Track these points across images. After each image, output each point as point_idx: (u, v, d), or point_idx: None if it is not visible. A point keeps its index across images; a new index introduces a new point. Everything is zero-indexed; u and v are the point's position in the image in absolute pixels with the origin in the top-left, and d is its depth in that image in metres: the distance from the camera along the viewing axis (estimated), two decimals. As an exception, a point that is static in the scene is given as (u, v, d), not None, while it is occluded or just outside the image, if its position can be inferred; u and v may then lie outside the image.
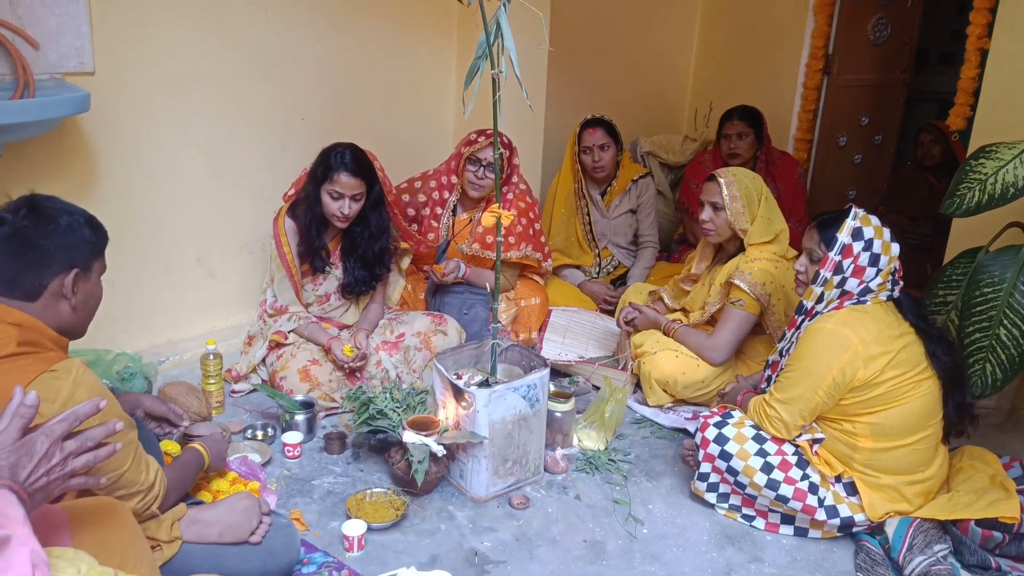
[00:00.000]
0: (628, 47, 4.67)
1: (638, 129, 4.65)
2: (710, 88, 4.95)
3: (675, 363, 2.95)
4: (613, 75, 4.63)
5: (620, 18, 4.57)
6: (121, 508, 1.55)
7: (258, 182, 3.38)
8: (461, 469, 2.49)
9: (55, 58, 2.77)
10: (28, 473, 1.20)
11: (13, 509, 1.12)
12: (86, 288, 1.78)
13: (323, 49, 3.43)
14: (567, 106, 4.16)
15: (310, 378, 2.92)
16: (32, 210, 1.72)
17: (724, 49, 4.86)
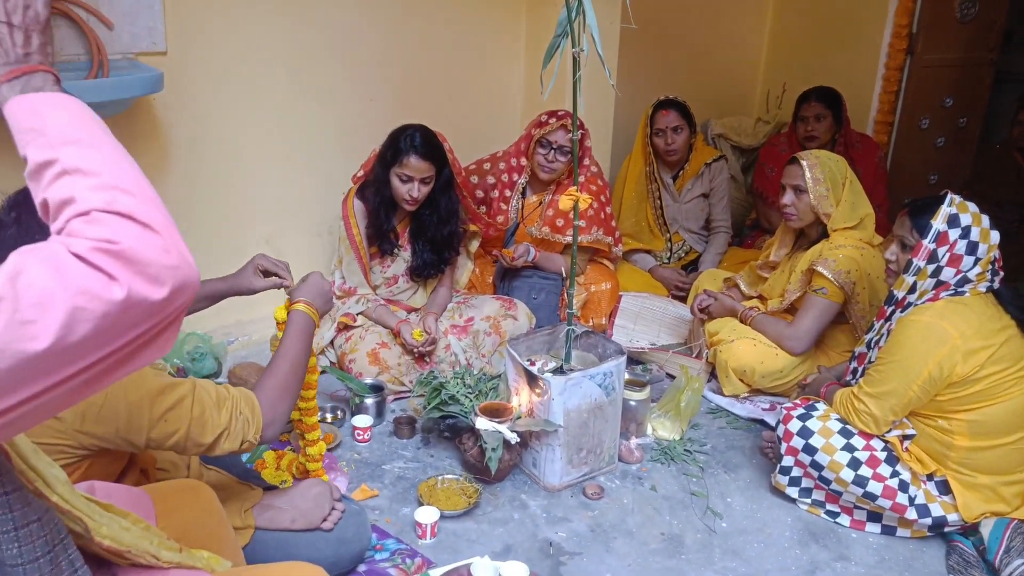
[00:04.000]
0: (699, 26, 4.55)
1: (709, 111, 4.52)
2: (784, 68, 4.79)
3: (753, 352, 2.85)
4: (683, 55, 4.51)
5: (693, 0, 4.45)
6: (205, 491, 1.54)
7: (326, 163, 3.36)
8: (534, 457, 2.44)
9: (128, 38, 2.78)
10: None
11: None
12: None
13: (392, 29, 3.39)
14: (637, 87, 4.05)
15: (379, 361, 2.90)
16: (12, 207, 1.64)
17: (800, 28, 4.69)
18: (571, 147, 3.16)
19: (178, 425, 1.53)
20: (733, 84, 4.86)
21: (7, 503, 0.94)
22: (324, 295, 1.99)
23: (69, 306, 0.78)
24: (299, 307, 1.89)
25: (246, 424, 1.61)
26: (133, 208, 0.84)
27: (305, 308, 1.89)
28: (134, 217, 0.83)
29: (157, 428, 1.51)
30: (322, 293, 1.98)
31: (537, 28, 3.73)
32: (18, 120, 0.89)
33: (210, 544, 1.40)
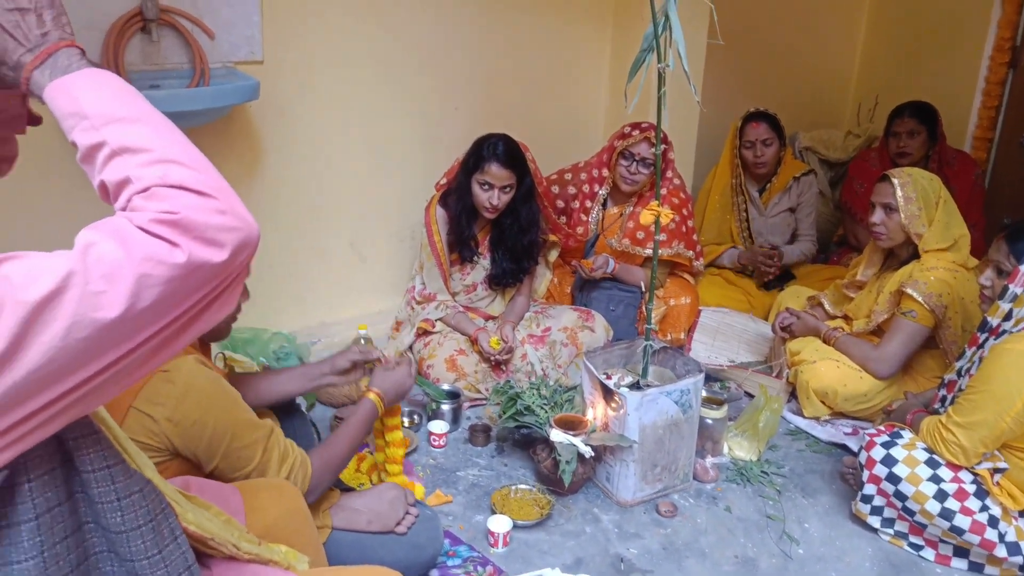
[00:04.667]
0: (788, 38, 4.46)
1: (797, 123, 4.43)
2: (876, 81, 4.66)
3: (836, 374, 2.78)
4: (771, 67, 4.43)
5: (780, 8, 4.37)
6: (291, 490, 1.59)
7: (410, 170, 3.42)
8: (608, 471, 2.44)
9: (227, 47, 2.89)
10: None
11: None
12: None
13: (477, 40, 3.44)
14: (722, 99, 4.01)
15: (456, 368, 2.94)
16: None
17: (894, 40, 4.55)
18: (653, 159, 3.14)
19: (244, 464, 1.65)
20: (823, 96, 4.75)
21: (109, 476, 0.99)
22: (400, 391, 2.10)
23: (136, 274, 0.82)
24: (370, 395, 2.01)
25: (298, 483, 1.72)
26: (185, 178, 0.87)
27: (375, 398, 2.01)
28: (188, 187, 0.87)
29: (227, 460, 1.62)
30: (399, 389, 2.08)
31: (622, 41, 3.72)
32: (58, 106, 0.91)
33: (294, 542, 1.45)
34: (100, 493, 0.99)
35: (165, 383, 1.57)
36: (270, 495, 1.53)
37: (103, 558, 1.02)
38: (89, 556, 1.01)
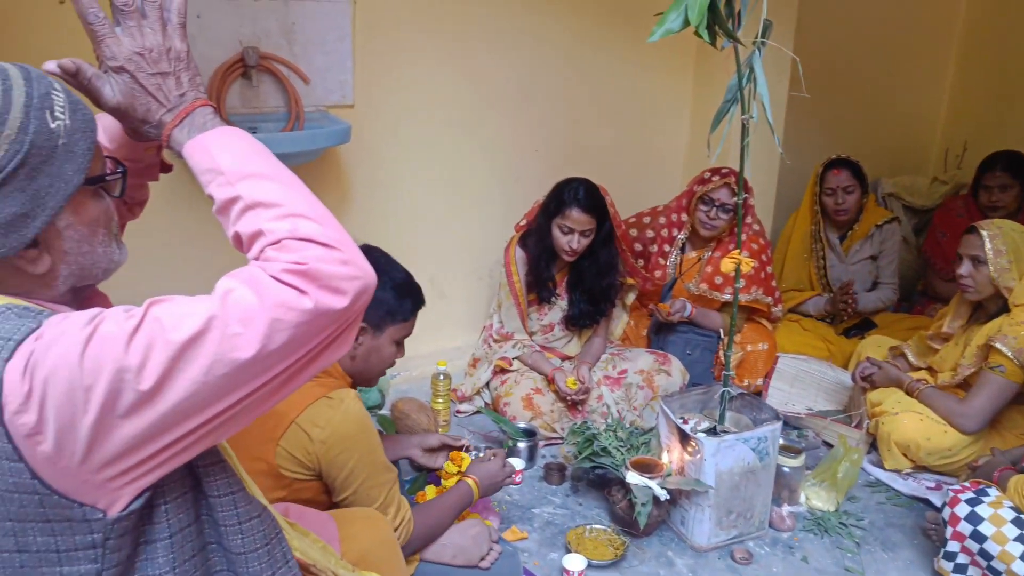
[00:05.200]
0: (872, 84, 4.43)
1: (880, 168, 4.38)
2: (965, 126, 4.57)
3: (919, 426, 2.73)
4: (853, 112, 4.40)
5: (864, 54, 4.34)
6: (381, 520, 1.67)
7: (490, 211, 3.52)
8: (683, 515, 2.44)
9: (322, 92, 3.04)
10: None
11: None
12: (370, 344, 1.92)
13: (559, 86, 3.53)
14: (804, 144, 4.00)
15: (533, 407, 2.99)
16: None
17: (984, 83, 4.47)
18: (733, 205, 3.16)
19: (370, 502, 1.76)
20: (908, 141, 4.69)
21: (233, 501, 1.08)
22: (494, 483, 2.21)
23: (269, 319, 0.91)
24: (470, 482, 2.13)
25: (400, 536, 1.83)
26: (312, 231, 0.96)
27: (474, 486, 2.13)
28: (315, 239, 0.95)
29: (357, 495, 1.75)
30: (493, 481, 2.20)
31: (703, 87, 3.77)
32: (196, 162, 1.01)
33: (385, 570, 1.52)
34: (224, 516, 1.07)
35: (328, 408, 1.71)
36: (363, 524, 1.61)
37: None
38: (211, 574, 1.10)
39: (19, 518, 0.94)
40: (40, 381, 0.88)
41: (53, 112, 0.97)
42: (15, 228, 0.95)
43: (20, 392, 0.89)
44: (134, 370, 0.88)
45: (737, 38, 2.02)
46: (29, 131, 0.94)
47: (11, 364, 0.89)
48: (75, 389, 0.88)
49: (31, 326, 0.92)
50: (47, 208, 0.97)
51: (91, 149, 1.01)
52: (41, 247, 1.00)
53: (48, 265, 1.01)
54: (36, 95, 0.96)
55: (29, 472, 0.91)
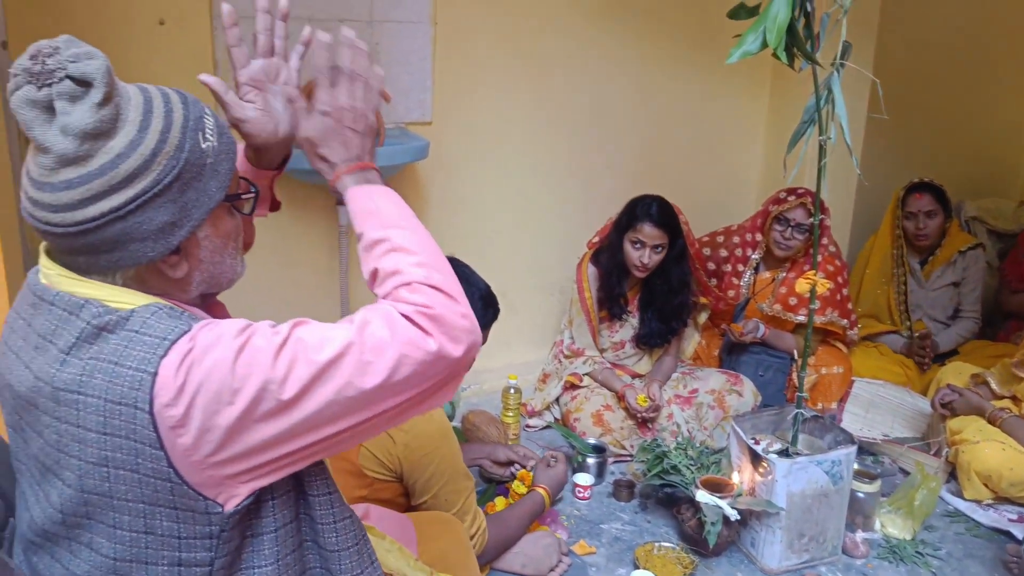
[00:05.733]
0: (953, 104, 4.33)
1: (963, 191, 4.27)
2: (1052, 148, 4.44)
3: (1001, 456, 2.66)
4: (934, 133, 4.31)
5: (945, 74, 4.25)
6: (456, 525, 1.72)
7: (562, 227, 3.56)
8: (753, 537, 2.43)
9: (402, 110, 3.14)
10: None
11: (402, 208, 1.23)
12: None
13: (633, 105, 3.56)
14: (882, 166, 3.93)
15: (603, 423, 3.00)
16: None
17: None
18: (809, 225, 3.13)
19: (448, 507, 1.83)
20: (992, 163, 4.56)
21: (330, 501, 1.17)
22: (560, 487, 2.41)
23: (398, 353, 1.02)
24: (541, 491, 2.25)
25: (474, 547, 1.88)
26: (441, 283, 1.08)
27: (545, 494, 2.24)
28: (443, 289, 1.07)
29: (437, 499, 1.82)
30: (560, 485, 2.40)
31: (778, 108, 3.76)
32: (357, 204, 1.16)
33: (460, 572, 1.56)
34: (321, 515, 1.16)
35: None
36: (440, 528, 1.66)
37: (316, 574, 1.19)
38: (306, 570, 1.17)
39: (151, 502, 1.03)
40: (195, 380, 0.98)
41: (204, 134, 1.08)
42: (164, 235, 1.05)
43: (172, 387, 0.98)
44: (278, 381, 0.99)
45: (816, 60, 2.02)
46: (185, 149, 1.05)
47: (166, 360, 0.99)
48: (223, 391, 0.98)
49: (183, 328, 1.02)
50: (192, 219, 1.07)
51: (232, 170, 1.13)
52: (181, 254, 1.10)
53: (185, 271, 1.11)
54: (192, 118, 1.07)
55: (167, 461, 1.00)
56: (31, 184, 1.03)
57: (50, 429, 1.05)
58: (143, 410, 0.99)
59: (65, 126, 0.99)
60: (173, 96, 1.08)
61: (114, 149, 1.00)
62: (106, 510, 1.04)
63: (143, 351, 1.01)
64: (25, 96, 1.00)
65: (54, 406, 1.03)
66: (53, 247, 1.08)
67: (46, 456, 1.07)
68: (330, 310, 3.19)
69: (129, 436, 1.00)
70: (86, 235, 1.02)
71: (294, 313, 1.26)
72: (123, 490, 1.03)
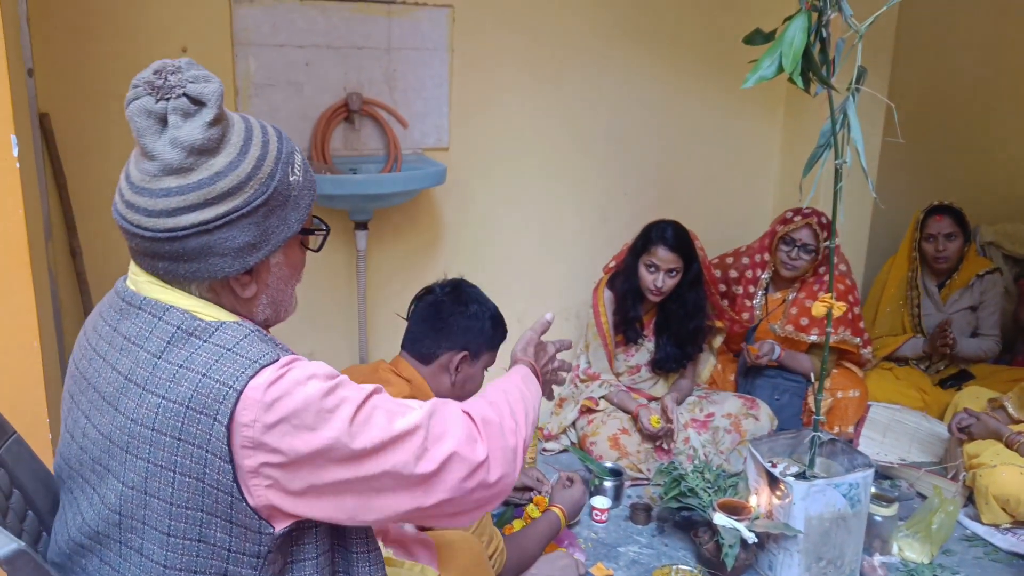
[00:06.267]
0: (968, 128, 4.34)
1: (980, 216, 4.26)
2: (1068, 172, 4.44)
3: (1019, 480, 2.64)
4: (950, 157, 4.32)
5: (961, 98, 4.27)
6: (476, 544, 1.72)
7: (578, 252, 3.58)
8: (771, 560, 2.42)
9: (419, 135, 3.18)
10: (543, 364, 1.61)
11: (532, 382, 1.48)
12: (468, 372, 2.02)
13: (649, 130, 3.60)
14: (897, 189, 3.94)
15: (619, 447, 3.01)
16: (454, 290, 2.04)
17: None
18: (815, 245, 3.15)
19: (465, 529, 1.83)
20: (1008, 187, 4.55)
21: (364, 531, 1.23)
22: (578, 507, 2.41)
23: (453, 448, 1.13)
24: (557, 511, 2.27)
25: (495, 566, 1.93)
26: (505, 424, 1.24)
27: (560, 514, 2.26)
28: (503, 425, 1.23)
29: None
30: (577, 507, 2.40)
31: (793, 132, 3.78)
32: (514, 367, 1.52)
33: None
34: (355, 543, 1.22)
35: None
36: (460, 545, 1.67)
37: None
38: None
39: (211, 511, 1.07)
40: (279, 408, 1.04)
41: (294, 168, 1.16)
42: (243, 254, 1.12)
43: (256, 408, 1.04)
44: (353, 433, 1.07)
45: (831, 84, 2.05)
46: (276, 179, 1.12)
47: (254, 382, 1.05)
48: (303, 427, 1.05)
49: (273, 355, 1.09)
50: (270, 244, 1.14)
51: (311, 205, 1.20)
52: (253, 275, 1.17)
53: (253, 292, 1.18)
54: (285, 152, 1.16)
55: (233, 475, 1.05)
56: (130, 188, 1.09)
57: (122, 431, 1.10)
58: (222, 423, 1.03)
59: (175, 138, 1.06)
60: (271, 130, 1.17)
61: (215, 167, 1.08)
62: (164, 516, 1.08)
63: (233, 368, 1.06)
64: (142, 106, 1.07)
65: (135, 407, 1.09)
66: (137, 251, 1.14)
67: (111, 457, 1.11)
68: (349, 333, 3.22)
69: (202, 446, 1.04)
70: (173, 242, 1.08)
71: (313, 336, 1.34)
72: (185, 497, 1.07)
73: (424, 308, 2.02)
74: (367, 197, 2.90)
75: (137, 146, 1.10)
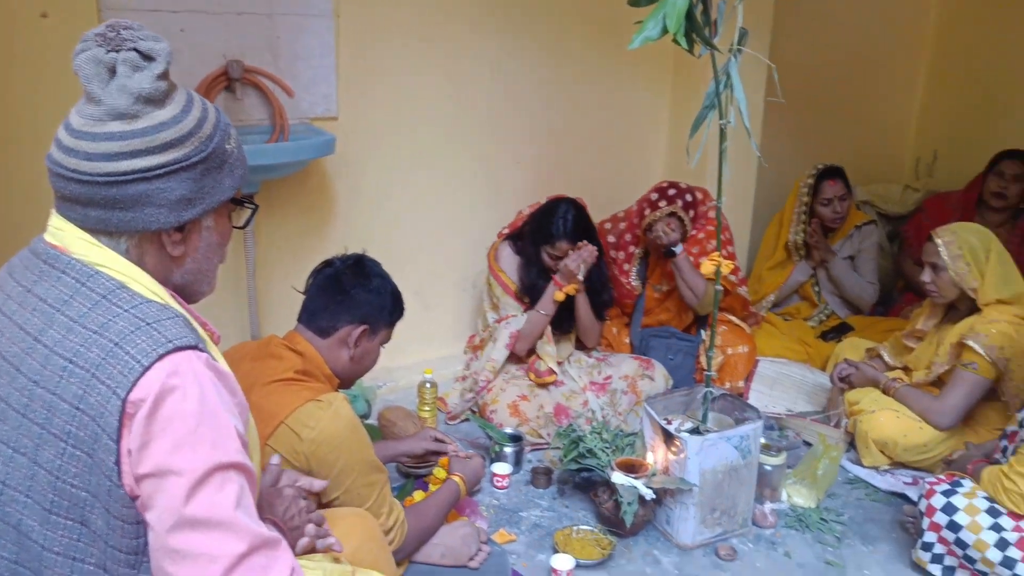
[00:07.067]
0: (846, 92, 4.53)
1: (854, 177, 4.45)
2: (935, 135, 4.69)
3: (895, 424, 2.80)
4: (829, 120, 4.50)
5: (839, 64, 4.45)
6: (370, 520, 1.70)
7: (474, 222, 3.56)
8: (668, 515, 2.49)
9: (306, 105, 3.08)
10: (283, 510, 1.40)
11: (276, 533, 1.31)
12: (366, 346, 1.98)
13: (541, 97, 3.59)
14: (781, 151, 4.07)
15: (519, 413, 3.03)
16: (357, 264, 1.99)
17: (955, 95, 4.58)
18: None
19: (360, 501, 1.80)
20: (881, 149, 4.79)
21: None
22: (478, 478, 2.38)
23: None
24: (456, 479, 2.23)
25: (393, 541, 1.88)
26: None
27: (460, 482, 2.23)
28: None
29: (348, 494, 1.78)
30: (477, 476, 2.37)
31: (681, 97, 3.85)
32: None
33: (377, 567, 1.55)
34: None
35: (317, 409, 1.75)
36: (353, 521, 1.64)
37: None
38: None
39: (94, 492, 1.04)
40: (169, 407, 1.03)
41: (230, 139, 1.24)
42: (178, 208, 1.15)
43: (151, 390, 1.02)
44: (197, 487, 1.03)
45: (714, 45, 2.09)
46: (214, 141, 1.19)
47: (160, 365, 1.04)
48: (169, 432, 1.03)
49: (190, 341, 1.09)
50: (205, 203, 1.18)
51: (243, 178, 1.27)
52: (184, 234, 1.19)
53: (181, 252, 1.20)
54: (223, 121, 1.23)
55: (115, 456, 1.02)
56: (70, 134, 1.12)
57: (21, 392, 1.07)
58: (119, 397, 1.01)
59: (123, 86, 1.11)
60: (208, 103, 1.24)
61: (159, 117, 1.13)
62: (48, 490, 1.05)
63: (147, 343, 1.05)
64: (93, 55, 1.12)
65: (39, 368, 1.06)
66: (68, 199, 1.13)
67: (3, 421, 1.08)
68: (239, 311, 3.11)
69: (96, 418, 1.02)
70: (111, 187, 1.10)
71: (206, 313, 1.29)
72: (72, 472, 1.04)
73: (324, 281, 1.97)
74: (252, 169, 2.75)
75: (83, 95, 1.13)
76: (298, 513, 1.40)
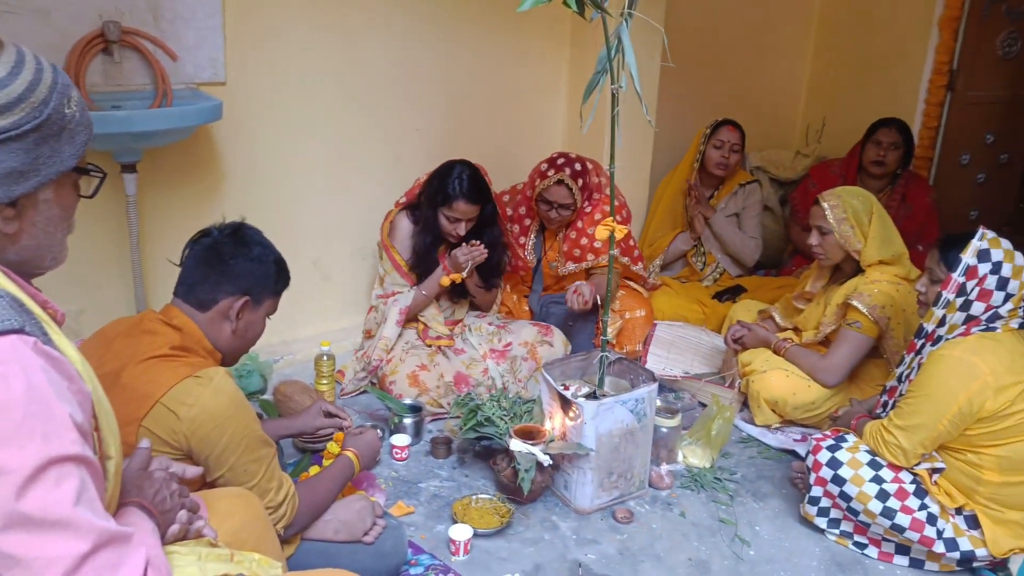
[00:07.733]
0: (739, 61, 4.61)
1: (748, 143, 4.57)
2: (824, 103, 4.83)
3: (785, 383, 2.89)
4: (722, 89, 4.57)
5: (732, 32, 4.52)
6: (253, 499, 1.63)
7: (371, 190, 3.48)
8: (566, 480, 2.50)
9: (192, 69, 2.93)
10: (153, 493, 1.31)
11: (143, 520, 1.23)
12: (250, 318, 1.89)
13: (438, 63, 3.52)
14: (676, 118, 4.12)
15: (419, 383, 2.99)
16: (235, 232, 1.88)
17: (840, 64, 4.73)
18: (571, 202, 3.20)
19: (248, 479, 1.72)
20: (772, 117, 4.91)
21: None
22: (373, 453, 2.25)
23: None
24: (349, 454, 2.13)
25: (284, 516, 1.81)
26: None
27: (353, 457, 2.13)
28: None
29: (234, 471, 1.70)
30: (372, 450, 2.23)
31: (581, 59, 3.83)
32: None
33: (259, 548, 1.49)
34: None
35: (196, 386, 1.65)
36: (234, 502, 1.57)
37: None
38: None
39: None
40: None
41: (70, 102, 1.14)
42: (8, 181, 1.06)
43: None
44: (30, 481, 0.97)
45: (604, 8, 2.06)
46: (49, 106, 1.09)
47: None
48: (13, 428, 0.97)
49: (14, 324, 1.02)
50: (39, 175, 1.10)
51: (87, 144, 1.17)
52: (18, 209, 1.10)
53: (15, 229, 1.11)
54: (61, 83, 1.13)
55: None
56: None
57: None
58: None
59: None
60: (44, 61, 1.14)
61: None
62: None
63: None
64: None
65: None
66: None
67: None
68: (123, 286, 2.96)
69: None
70: None
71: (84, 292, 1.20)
72: None
73: (202, 251, 1.86)
74: (134, 136, 2.65)
75: None
76: (169, 496, 1.31)
